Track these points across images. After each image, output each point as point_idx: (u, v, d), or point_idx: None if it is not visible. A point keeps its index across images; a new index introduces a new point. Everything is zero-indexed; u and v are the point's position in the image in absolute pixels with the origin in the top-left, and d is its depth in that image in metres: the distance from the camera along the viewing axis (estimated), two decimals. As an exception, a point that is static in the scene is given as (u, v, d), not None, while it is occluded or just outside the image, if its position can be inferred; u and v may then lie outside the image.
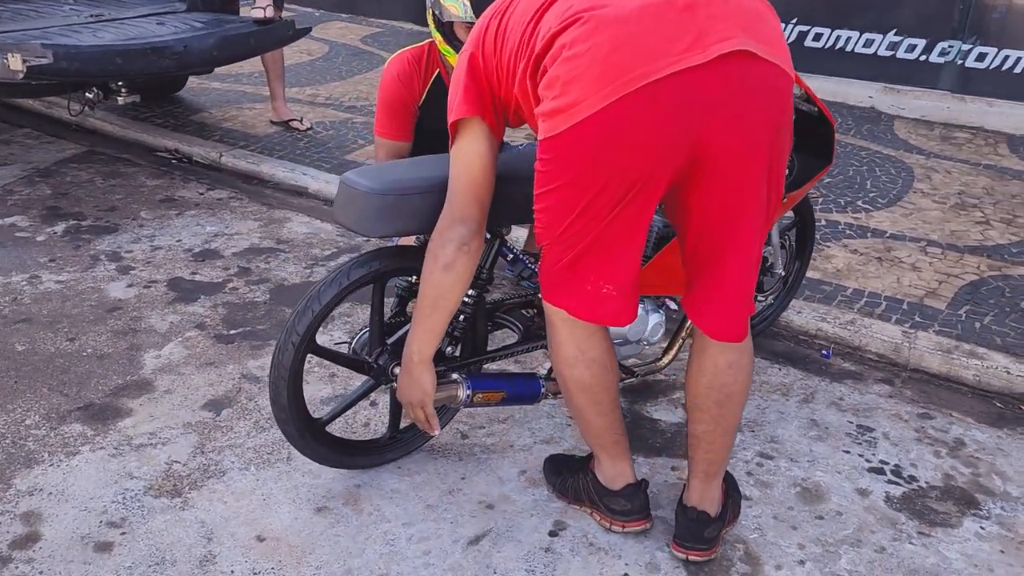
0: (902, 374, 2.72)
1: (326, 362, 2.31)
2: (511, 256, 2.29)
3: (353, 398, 2.06)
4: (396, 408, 2.10)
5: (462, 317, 1.99)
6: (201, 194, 3.90)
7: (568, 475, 2.03)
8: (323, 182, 3.99)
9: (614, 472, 1.91)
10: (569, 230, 1.61)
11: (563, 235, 1.62)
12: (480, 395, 1.95)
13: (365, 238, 3.47)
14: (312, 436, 1.96)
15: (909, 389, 2.64)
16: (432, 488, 2.09)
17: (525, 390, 2.05)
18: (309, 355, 1.91)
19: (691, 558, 1.85)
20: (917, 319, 2.91)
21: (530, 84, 1.56)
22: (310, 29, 4.35)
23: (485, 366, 2.16)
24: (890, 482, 2.18)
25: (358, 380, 2.19)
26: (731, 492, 1.96)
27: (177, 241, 3.38)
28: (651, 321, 2.23)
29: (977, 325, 2.88)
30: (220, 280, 3.07)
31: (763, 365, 2.70)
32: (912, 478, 2.20)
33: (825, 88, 5.24)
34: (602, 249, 1.61)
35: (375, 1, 7.34)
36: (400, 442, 2.14)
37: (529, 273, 2.22)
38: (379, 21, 7.26)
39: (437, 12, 2.48)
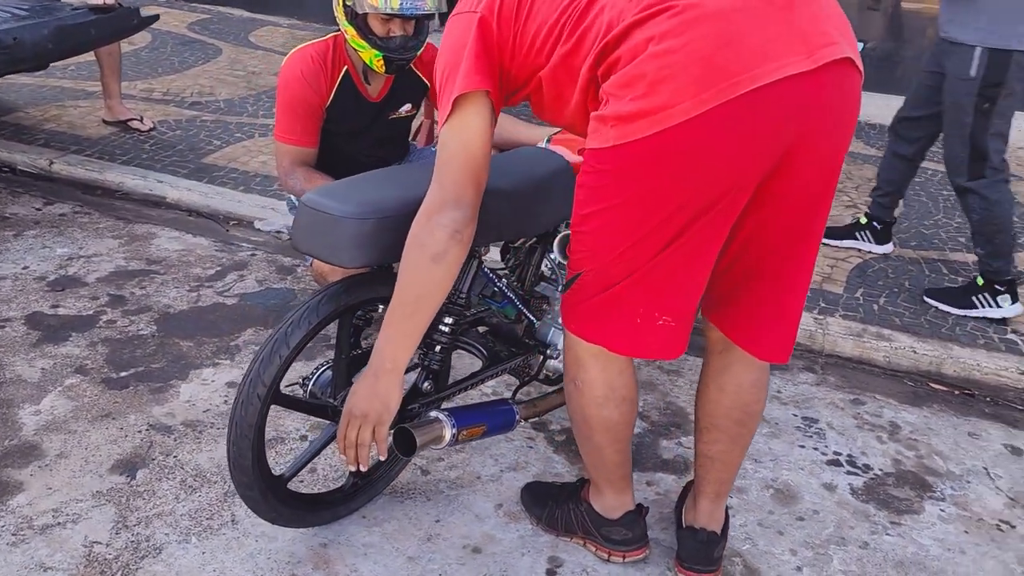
0: (820, 360, 2.81)
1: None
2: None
3: (317, 447, 1.81)
4: (360, 452, 1.88)
5: (438, 348, 1.80)
6: (38, 209, 3.38)
7: (555, 506, 1.90)
8: (184, 190, 3.58)
9: (617, 503, 1.80)
10: (625, 256, 1.42)
11: (615, 261, 1.44)
12: (464, 432, 1.77)
13: (252, 251, 3.15)
14: (274, 496, 1.70)
15: (831, 375, 2.72)
16: (407, 537, 1.89)
17: (502, 419, 1.89)
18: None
19: None
20: (823, 304, 3.01)
21: (586, 76, 1.36)
22: (157, 17, 3.88)
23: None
24: (849, 473, 2.22)
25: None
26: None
27: (23, 268, 2.89)
28: None
29: (875, 307, 3.02)
30: (91, 312, 2.66)
31: (695, 364, 2.68)
32: (867, 467, 2.26)
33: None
34: (664, 276, 1.44)
35: (195, -16, 6.75)
36: (364, 489, 1.92)
37: (492, 291, 2.05)
38: (204, 7, 6.68)
39: (351, 3, 2.23)
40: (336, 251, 1.54)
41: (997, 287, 2.89)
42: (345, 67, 2.40)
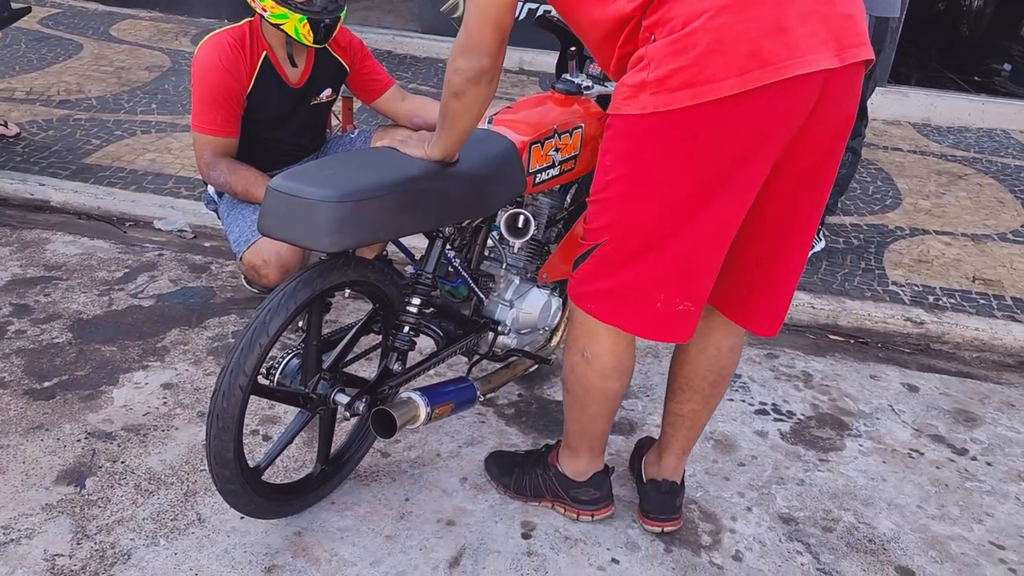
0: (730, 322, 2.99)
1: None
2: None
3: (289, 436, 1.80)
4: (328, 437, 1.88)
5: (407, 329, 1.82)
6: (-92, 220, 3.11)
7: (522, 473, 1.96)
8: (70, 192, 3.38)
9: (589, 467, 1.88)
10: (648, 227, 1.45)
11: (637, 232, 1.46)
12: (437, 410, 1.80)
13: (158, 251, 3.03)
14: (253, 489, 1.68)
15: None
16: (381, 517, 1.90)
17: (466, 395, 1.94)
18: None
19: (667, 529, 1.90)
20: (726, 270, 3.21)
21: (628, 10, 1.36)
22: (30, 9, 3.62)
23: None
24: (776, 420, 2.40)
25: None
26: None
27: (-93, 282, 2.67)
28: (554, 306, 2.21)
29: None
30: (-4, 324, 2.49)
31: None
32: (791, 413, 2.45)
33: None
34: (687, 258, 1.46)
35: (40, -23, 6.30)
36: (332, 474, 1.92)
37: (446, 271, 2.07)
38: (53, 0, 6.26)
39: None
40: (316, 236, 1.53)
41: (819, 226, 3.32)
42: (264, 52, 2.35)
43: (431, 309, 2.15)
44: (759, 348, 2.80)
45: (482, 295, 2.10)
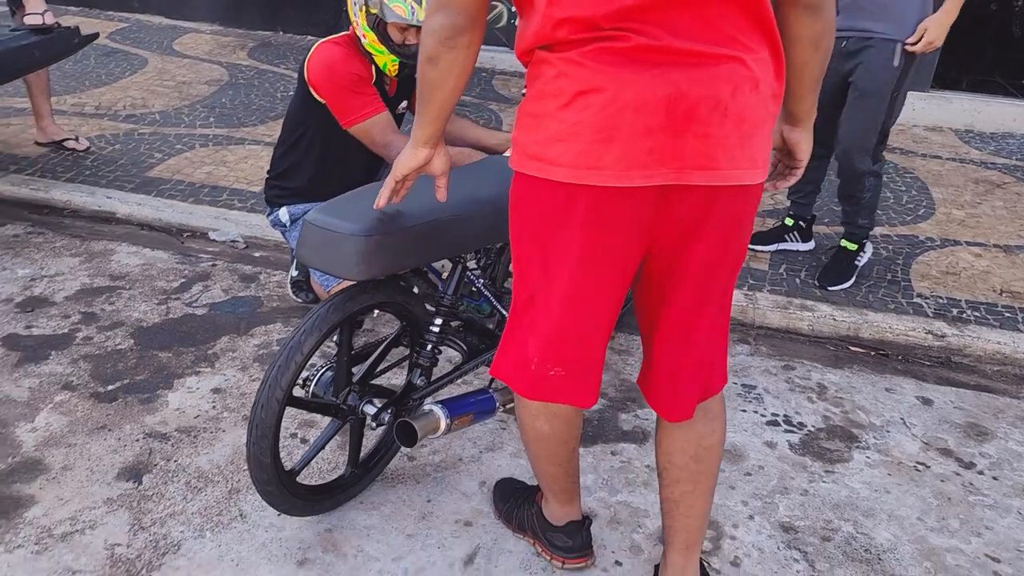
0: (752, 332, 3.10)
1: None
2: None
3: (322, 442, 1.98)
4: (358, 443, 2.06)
5: (430, 347, 1.98)
6: (-11, 232, 3.40)
7: (515, 504, 2.03)
8: (134, 204, 3.64)
9: (562, 513, 1.90)
10: (521, 284, 1.50)
11: (517, 288, 1.52)
12: (456, 420, 1.97)
13: (212, 261, 3.26)
14: (288, 490, 1.87)
15: (763, 345, 3.01)
16: (404, 517, 2.07)
17: (486, 407, 2.09)
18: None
19: None
20: (751, 281, 3.30)
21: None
22: (97, 35, 3.89)
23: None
24: (787, 431, 2.51)
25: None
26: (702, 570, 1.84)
27: (-11, 291, 2.94)
28: None
29: (797, 281, 3.33)
30: (65, 331, 2.74)
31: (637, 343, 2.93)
32: (801, 424, 2.55)
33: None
34: (552, 320, 1.48)
35: (109, -8, 6.66)
36: (361, 477, 2.10)
37: (470, 290, 2.24)
38: (121, 15, 6.61)
39: (377, 10, 2.33)
40: (346, 267, 1.70)
41: (863, 242, 3.32)
42: (372, 61, 2.48)
43: (458, 323, 2.32)
44: (776, 360, 2.90)
45: (504, 311, 2.26)
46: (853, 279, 3.29)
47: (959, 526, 2.17)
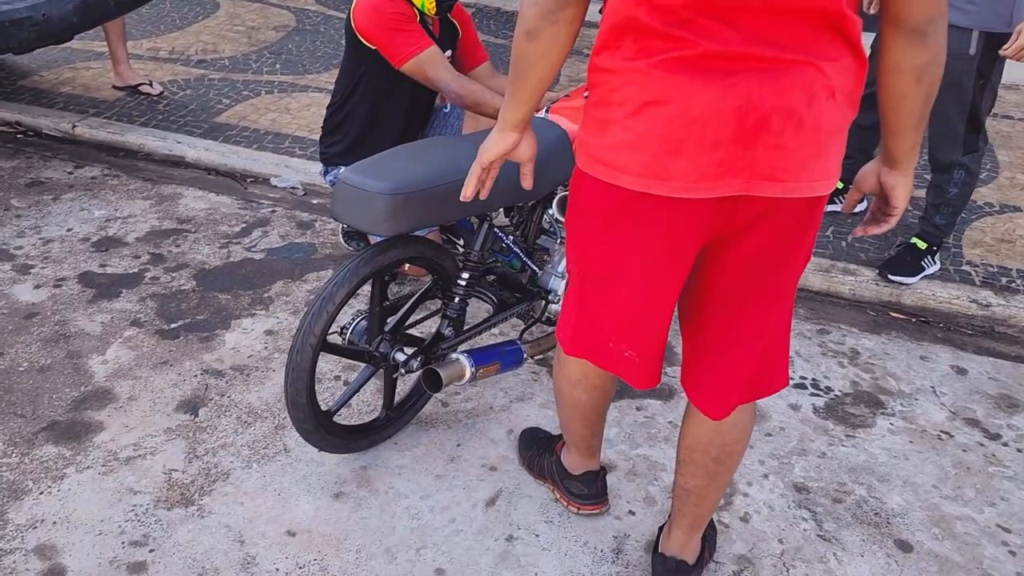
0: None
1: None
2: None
3: (356, 386, 2.13)
4: (392, 388, 2.20)
5: (457, 300, 2.10)
6: (70, 173, 3.63)
7: (536, 452, 2.15)
8: (201, 150, 3.82)
9: (581, 463, 2.00)
10: (586, 273, 1.53)
11: (581, 275, 1.54)
12: (481, 369, 2.09)
13: (272, 207, 3.42)
14: (325, 429, 2.03)
15: (802, 308, 3.04)
16: (434, 459, 2.22)
17: (513, 358, 2.20)
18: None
19: None
20: (796, 244, 3.31)
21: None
22: (160, -8, 4.04)
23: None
24: (813, 395, 2.56)
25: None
26: (706, 532, 1.88)
27: (68, 231, 3.17)
28: None
29: (843, 244, 3.32)
30: (135, 271, 2.94)
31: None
32: (828, 388, 2.59)
33: None
34: (622, 309, 1.51)
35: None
36: (395, 420, 2.24)
37: (500, 247, 2.34)
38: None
39: None
40: (375, 223, 1.83)
41: (934, 247, 3.13)
42: (411, 3, 2.50)
43: (492, 278, 2.43)
44: (812, 323, 2.93)
45: (536, 267, 2.35)
46: (917, 278, 3.10)
47: (974, 495, 2.22)
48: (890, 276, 3.10)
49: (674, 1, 1.25)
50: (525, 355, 2.24)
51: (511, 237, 2.30)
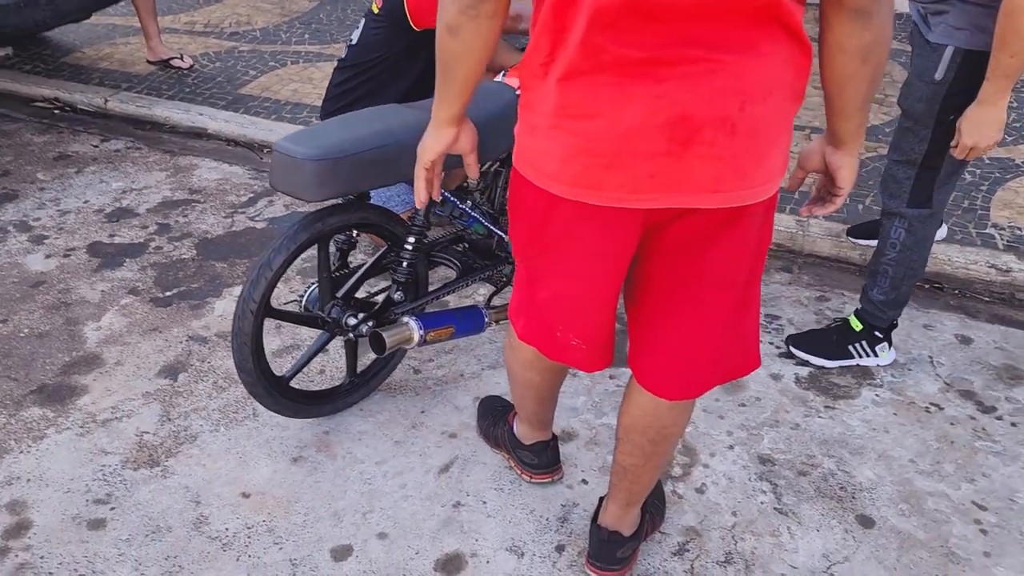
0: (798, 260, 3.01)
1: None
2: (441, 198, 2.38)
3: (311, 353, 2.17)
4: (353, 354, 2.23)
5: (405, 264, 2.10)
6: (96, 146, 3.77)
7: (492, 422, 2.15)
8: (222, 121, 3.92)
9: (532, 434, 2.00)
10: (532, 262, 1.50)
11: (526, 263, 1.52)
12: (432, 333, 2.09)
13: (279, 179, 3.48)
14: (280, 393, 2.07)
15: (806, 274, 2.93)
16: (396, 425, 2.25)
17: (471, 322, 2.20)
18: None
19: None
20: (808, 207, 3.17)
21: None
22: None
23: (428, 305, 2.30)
24: (798, 365, 2.47)
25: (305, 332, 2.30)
26: (651, 503, 1.88)
27: (85, 202, 3.30)
28: None
29: (860, 207, 3.18)
30: (141, 240, 3.06)
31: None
32: (816, 358, 2.50)
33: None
34: (565, 298, 1.50)
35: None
36: (360, 386, 2.28)
37: (460, 212, 2.33)
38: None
39: None
40: (303, 189, 1.85)
41: (877, 335, 2.41)
42: None
43: (464, 245, 2.42)
44: (813, 290, 2.82)
45: (502, 232, 2.33)
46: (832, 363, 2.42)
47: (953, 471, 2.11)
48: (792, 348, 2.48)
49: (597, 4, 1.19)
50: (487, 320, 2.23)
51: (469, 202, 2.29)
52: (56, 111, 4.13)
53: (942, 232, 2.95)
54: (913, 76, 2.13)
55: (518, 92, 2.13)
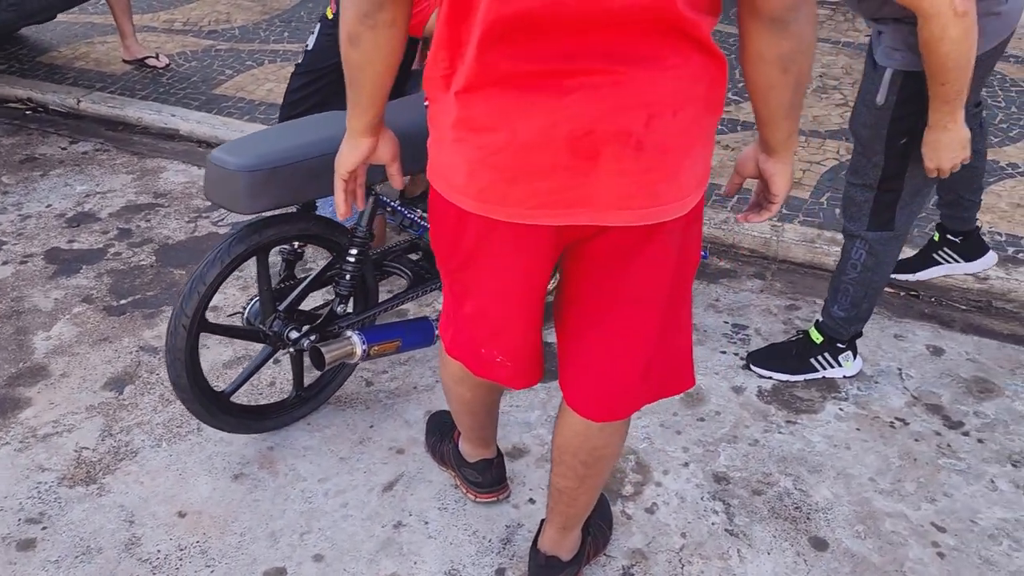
0: (772, 267, 2.94)
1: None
2: (390, 208, 2.32)
3: (252, 368, 2.11)
4: (299, 367, 2.17)
5: (348, 276, 2.04)
6: (64, 148, 3.72)
7: (439, 438, 2.09)
8: (194, 122, 3.86)
9: (476, 452, 1.94)
10: (448, 267, 1.45)
11: (445, 269, 1.47)
12: (376, 347, 2.03)
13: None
14: (219, 409, 2.02)
15: (779, 281, 2.86)
16: (343, 440, 2.19)
17: (419, 335, 2.14)
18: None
19: None
20: (784, 211, 3.10)
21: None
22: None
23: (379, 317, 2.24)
24: (762, 377, 2.40)
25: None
26: (594, 525, 1.83)
27: (47, 207, 3.25)
28: None
29: (837, 211, 3.09)
30: (100, 246, 3.00)
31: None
32: (781, 370, 2.43)
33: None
34: (486, 315, 1.46)
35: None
36: (307, 400, 2.22)
37: (409, 222, 2.27)
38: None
39: None
40: (234, 200, 1.79)
41: (839, 345, 2.35)
42: None
43: (419, 254, 2.36)
44: (785, 298, 2.75)
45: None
46: (797, 378, 2.37)
47: (914, 490, 2.04)
48: (753, 366, 2.41)
49: (493, 14, 1.13)
50: (436, 332, 2.17)
51: (419, 211, 2.22)
52: (28, 112, 4.08)
53: (991, 259, 2.69)
54: (858, 100, 2.06)
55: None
